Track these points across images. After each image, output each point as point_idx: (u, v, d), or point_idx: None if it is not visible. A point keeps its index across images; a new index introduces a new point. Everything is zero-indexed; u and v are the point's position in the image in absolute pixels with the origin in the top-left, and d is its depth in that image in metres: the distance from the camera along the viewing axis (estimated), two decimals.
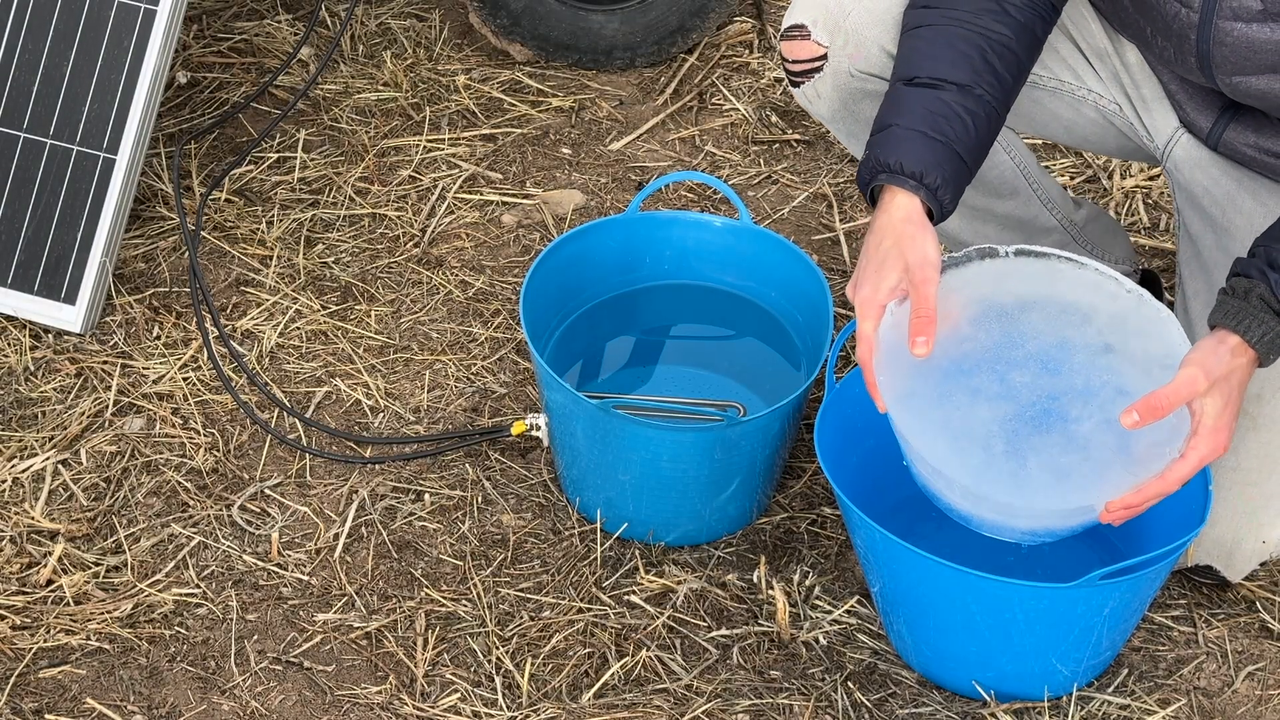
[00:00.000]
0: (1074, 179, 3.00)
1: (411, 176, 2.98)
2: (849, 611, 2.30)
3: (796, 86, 2.31)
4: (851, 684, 2.21)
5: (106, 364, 2.61)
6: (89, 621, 2.27)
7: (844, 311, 2.70)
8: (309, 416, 2.55)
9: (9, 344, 2.65)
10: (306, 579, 2.34)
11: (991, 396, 2.04)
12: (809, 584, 2.33)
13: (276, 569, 2.35)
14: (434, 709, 2.18)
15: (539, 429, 2.42)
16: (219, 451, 2.50)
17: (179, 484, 2.45)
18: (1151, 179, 3.00)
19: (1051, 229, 2.48)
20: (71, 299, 2.64)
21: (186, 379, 2.60)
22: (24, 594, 2.30)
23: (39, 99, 2.67)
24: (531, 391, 2.60)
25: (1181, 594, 2.34)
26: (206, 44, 3.23)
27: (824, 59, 2.26)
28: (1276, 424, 2.18)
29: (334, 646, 2.26)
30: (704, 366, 2.55)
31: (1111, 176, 3.01)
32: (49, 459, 2.47)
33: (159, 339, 2.66)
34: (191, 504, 2.43)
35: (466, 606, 2.30)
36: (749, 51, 3.26)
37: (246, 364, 2.62)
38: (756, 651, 2.26)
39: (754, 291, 2.53)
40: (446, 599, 2.31)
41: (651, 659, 2.24)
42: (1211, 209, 2.25)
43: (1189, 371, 1.93)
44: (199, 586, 2.32)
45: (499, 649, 2.25)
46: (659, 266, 2.54)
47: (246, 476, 2.47)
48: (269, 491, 2.45)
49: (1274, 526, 2.23)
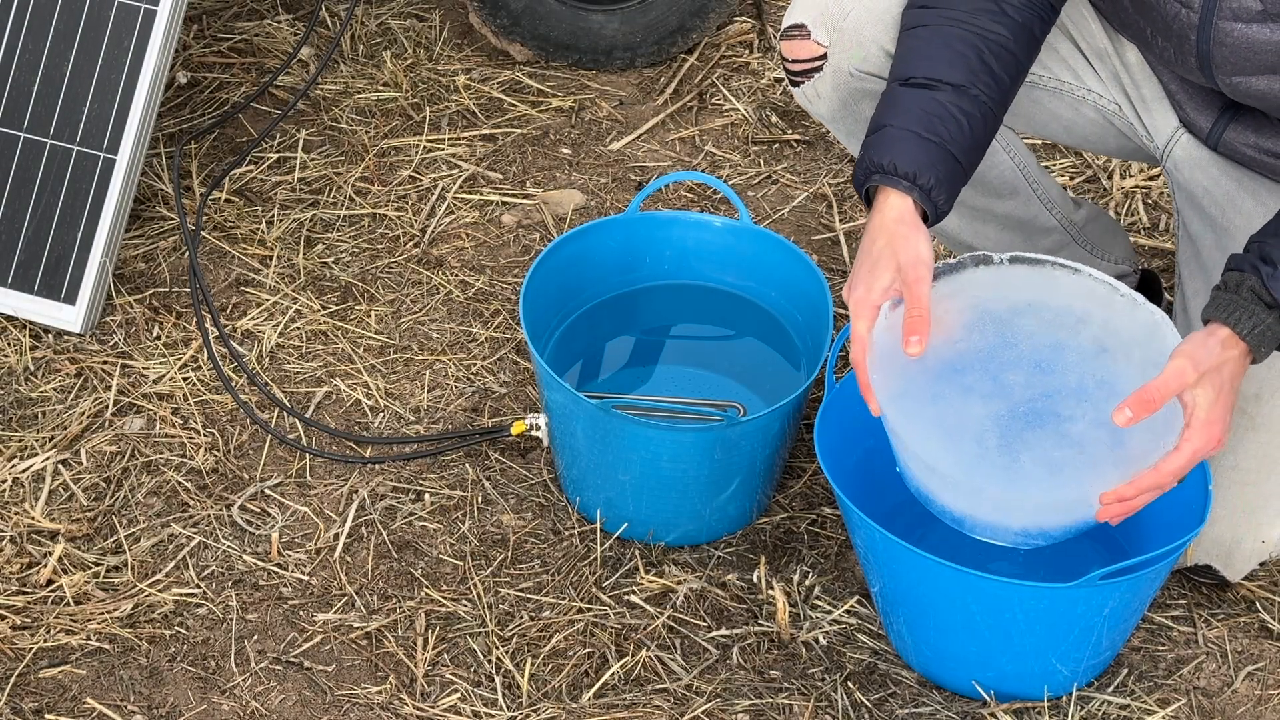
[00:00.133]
0: (1074, 179, 3.00)
1: (411, 176, 2.98)
2: (849, 611, 2.30)
3: (796, 86, 2.31)
4: (851, 684, 2.21)
5: (106, 364, 2.61)
6: (89, 621, 2.27)
7: (844, 311, 2.70)
8: (309, 416, 2.55)
9: (9, 344, 2.65)
10: (306, 579, 2.34)
11: (985, 394, 2.04)
12: (809, 584, 2.33)
13: (276, 569, 2.35)
14: (434, 709, 2.18)
15: (539, 429, 2.42)
16: (219, 451, 2.50)
17: (179, 484, 2.45)
18: (1151, 179, 3.00)
19: (1051, 229, 2.48)
20: (71, 299, 2.64)
21: (186, 379, 2.60)
22: (24, 594, 2.30)
23: (39, 99, 2.67)
24: (531, 391, 2.60)
25: (1181, 594, 2.34)
26: (206, 44, 3.23)
27: (824, 59, 2.26)
28: (1275, 424, 2.18)
29: (334, 646, 2.26)
30: (704, 366, 2.55)
31: (1111, 176, 3.01)
32: (49, 459, 2.47)
33: (159, 339, 2.66)
34: (191, 504, 2.43)
35: (466, 606, 2.30)
36: (749, 51, 3.26)
37: (246, 364, 2.63)
38: (756, 651, 2.26)
39: (754, 291, 2.53)
40: (446, 599, 2.31)
41: (651, 659, 2.24)
42: (1211, 209, 2.25)
43: (1177, 363, 1.93)
44: (199, 586, 2.32)
45: (499, 649, 2.25)
46: (659, 266, 2.54)
47: (246, 476, 2.47)
48: (269, 491, 2.45)
49: (1273, 526, 2.23)
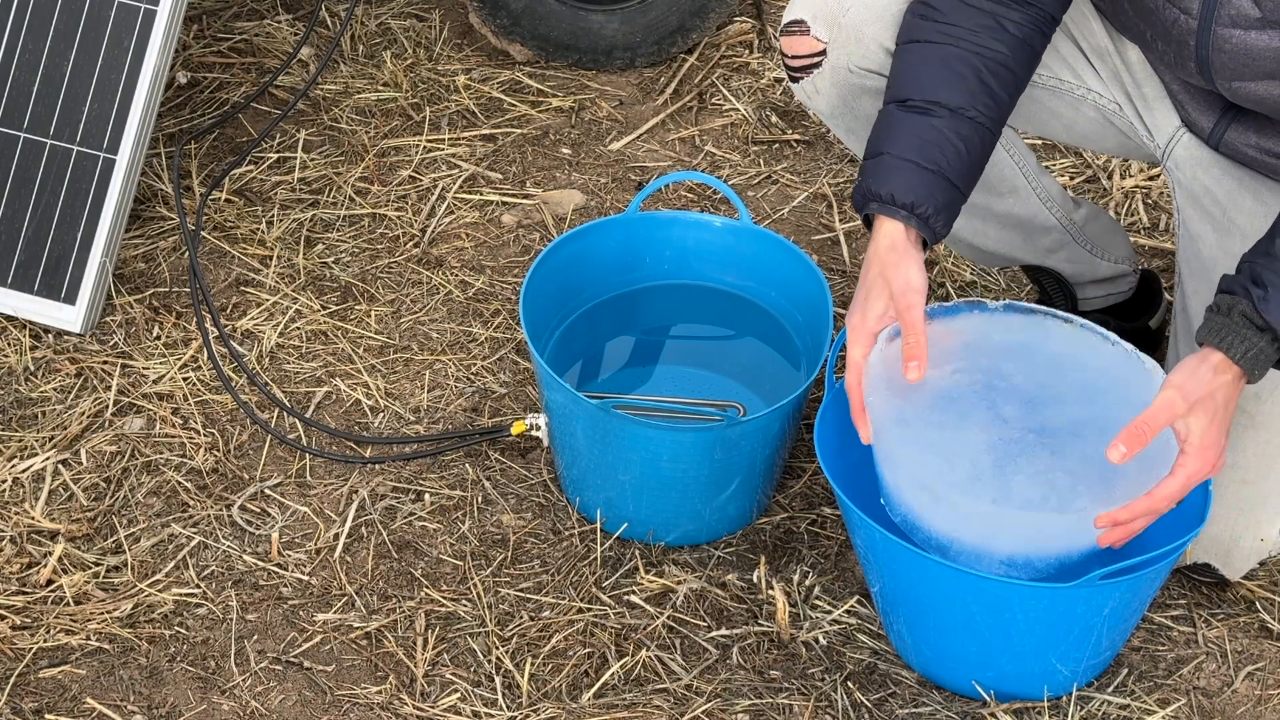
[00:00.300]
0: (1074, 179, 3.00)
1: (411, 176, 2.98)
2: (849, 611, 2.30)
3: (795, 82, 2.31)
4: (851, 684, 2.21)
5: (106, 364, 2.61)
6: (89, 621, 2.27)
7: (844, 312, 2.70)
8: (309, 416, 2.55)
9: (9, 344, 2.65)
10: (306, 579, 2.34)
11: (980, 423, 2.08)
12: (809, 584, 2.33)
13: (276, 569, 2.35)
14: (434, 709, 2.18)
15: (539, 429, 2.42)
16: (219, 451, 2.50)
17: (179, 484, 2.45)
18: (1151, 179, 3.00)
19: (1051, 228, 2.48)
20: (71, 299, 2.64)
21: (186, 379, 2.60)
22: (24, 594, 2.30)
23: (39, 99, 2.67)
24: (531, 391, 2.60)
25: (1181, 594, 2.34)
26: (206, 44, 3.23)
27: (823, 55, 2.26)
28: (1274, 423, 2.18)
29: (334, 646, 2.26)
30: (704, 366, 2.55)
31: (1111, 176, 3.01)
32: (49, 459, 2.47)
33: (159, 339, 2.66)
34: (191, 504, 2.43)
35: (466, 606, 2.30)
36: (749, 51, 3.26)
37: (246, 364, 2.63)
38: (756, 651, 2.26)
39: (754, 291, 2.53)
40: (446, 599, 2.31)
41: (651, 659, 2.24)
42: (1212, 208, 2.25)
43: (1167, 394, 1.95)
44: (199, 586, 2.32)
45: (499, 649, 2.25)
46: (659, 266, 2.54)
47: (246, 476, 2.47)
48: (269, 491, 2.45)
49: (1272, 525, 2.23)
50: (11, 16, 2.68)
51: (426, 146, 3.03)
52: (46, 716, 2.17)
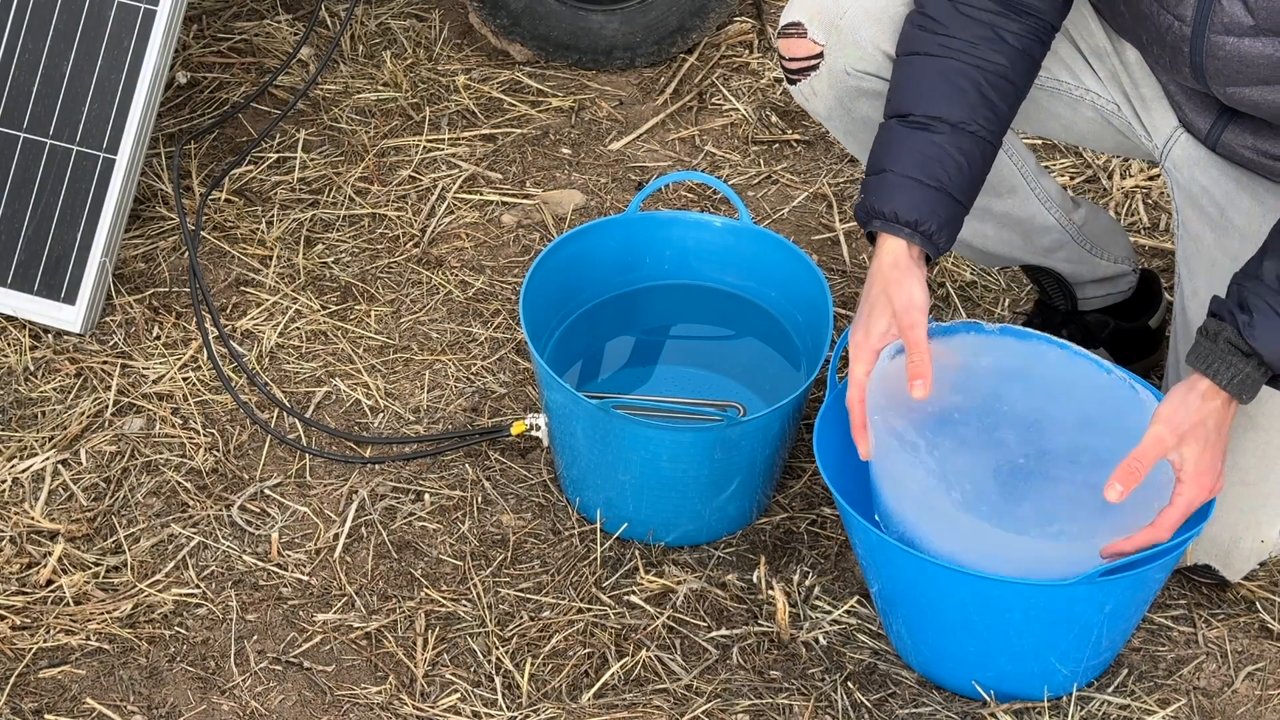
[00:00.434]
0: (1074, 179, 3.00)
1: (411, 176, 2.98)
2: (849, 611, 2.30)
3: (793, 84, 2.32)
4: (851, 684, 2.21)
5: (106, 364, 2.61)
6: (89, 621, 2.27)
7: (844, 311, 2.70)
8: (309, 416, 2.55)
9: (9, 344, 2.65)
10: (306, 579, 2.34)
11: (981, 446, 2.10)
12: (809, 584, 2.33)
13: (276, 569, 2.35)
14: (434, 709, 2.18)
15: (539, 429, 2.42)
16: (219, 451, 2.50)
17: (179, 484, 2.45)
18: (1151, 179, 3.00)
19: (1050, 228, 2.48)
20: (71, 299, 2.64)
21: (186, 379, 2.60)
22: (24, 594, 2.30)
23: (39, 99, 2.67)
24: (531, 391, 2.60)
25: (1181, 594, 2.34)
26: (206, 44, 3.23)
27: (820, 57, 2.26)
28: (1274, 424, 2.18)
29: (334, 646, 2.26)
30: (704, 366, 2.55)
31: (1111, 176, 3.01)
32: (49, 459, 2.47)
33: (159, 339, 2.66)
34: (191, 504, 2.43)
35: (466, 606, 2.30)
36: (749, 51, 3.26)
37: (246, 364, 2.63)
38: (756, 651, 2.26)
39: (754, 291, 2.53)
40: (446, 599, 2.31)
41: (651, 659, 2.24)
42: (1210, 209, 2.25)
43: (1155, 430, 1.98)
44: (199, 586, 2.32)
45: (499, 649, 2.25)
46: (659, 266, 2.54)
47: (246, 476, 2.47)
48: (269, 491, 2.45)
49: (1272, 526, 2.23)
50: (11, 16, 2.68)
51: (426, 146, 3.03)
52: (46, 716, 2.17)
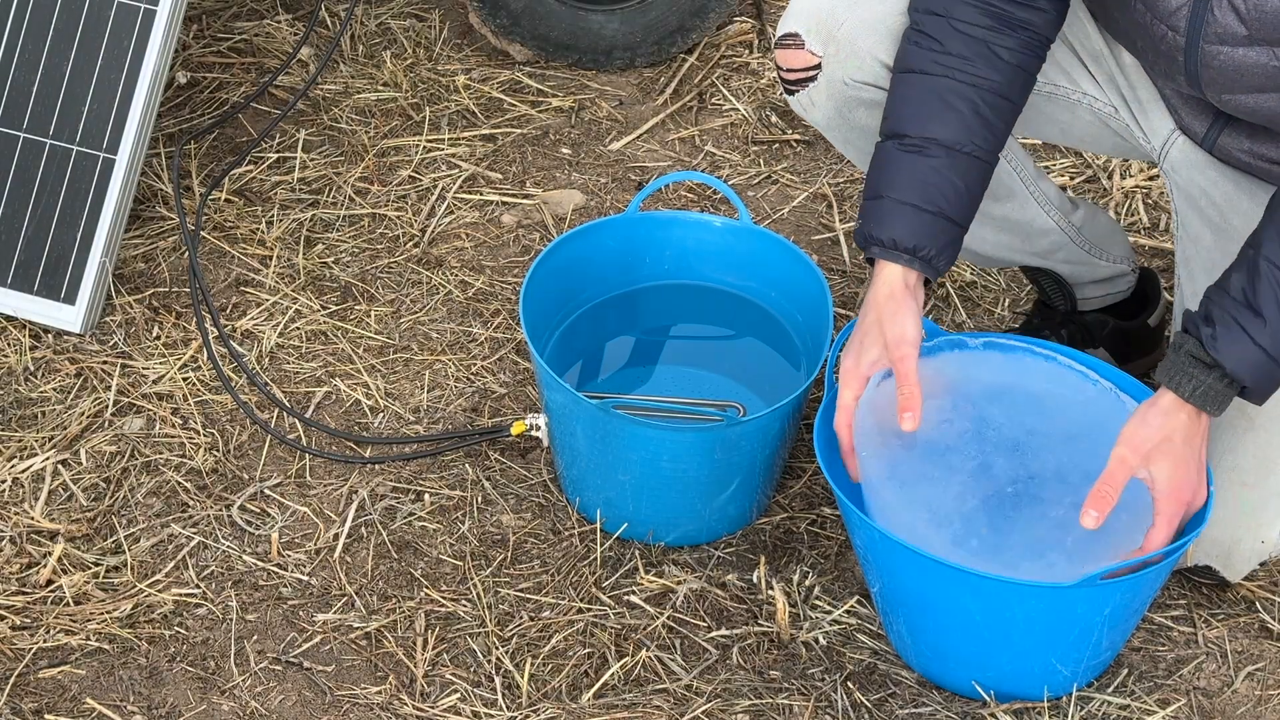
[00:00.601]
0: (1074, 179, 3.00)
1: (411, 176, 2.98)
2: (849, 611, 2.30)
3: (791, 94, 2.31)
4: (851, 684, 2.21)
5: (106, 364, 2.61)
6: (89, 621, 2.27)
7: (844, 311, 2.70)
8: (309, 416, 2.55)
9: (9, 344, 2.65)
10: (306, 579, 2.34)
11: (970, 474, 2.11)
12: (809, 584, 2.33)
13: (276, 569, 2.35)
14: (434, 709, 2.18)
15: (539, 429, 2.42)
16: (219, 451, 2.50)
17: (179, 484, 2.45)
18: (1151, 179, 3.00)
19: (1049, 230, 2.48)
20: (71, 299, 2.64)
21: (186, 379, 2.60)
22: (24, 594, 2.30)
23: (39, 99, 2.67)
24: (531, 391, 2.60)
25: (1181, 594, 2.34)
26: (206, 44, 3.23)
27: (818, 68, 2.26)
28: (1274, 424, 2.18)
29: (334, 646, 2.26)
30: (704, 366, 2.55)
31: (1111, 177, 3.01)
32: (49, 459, 2.47)
33: (159, 339, 2.66)
34: (191, 504, 2.43)
35: (466, 606, 2.30)
36: (749, 51, 3.26)
37: (246, 364, 2.63)
38: (756, 651, 2.26)
39: (754, 291, 2.53)
40: (446, 599, 2.31)
41: (651, 659, 2.24)
42: (1209, 210, 2.25)
43: (1118, 451, 1.99)
44: (199, 586, 2.32)
45: (499, 649, 2.25)
46: (659, 266, 2.54)
47: (246, 476, 2.47)
48: (269, 491, 2.45)
49: (1272, 526, 2.23)
50: (11, 16, 2.68)
51: (426, 146, 3.03)
52: (46, 717, 2.17)
